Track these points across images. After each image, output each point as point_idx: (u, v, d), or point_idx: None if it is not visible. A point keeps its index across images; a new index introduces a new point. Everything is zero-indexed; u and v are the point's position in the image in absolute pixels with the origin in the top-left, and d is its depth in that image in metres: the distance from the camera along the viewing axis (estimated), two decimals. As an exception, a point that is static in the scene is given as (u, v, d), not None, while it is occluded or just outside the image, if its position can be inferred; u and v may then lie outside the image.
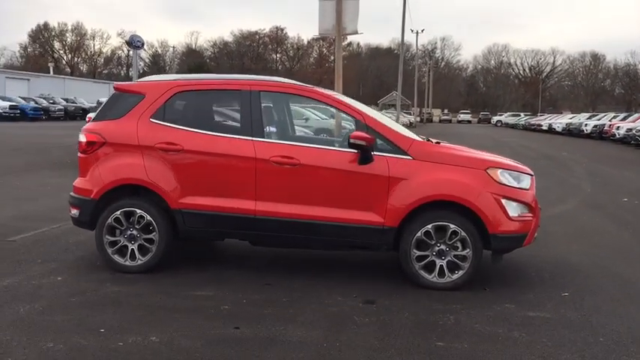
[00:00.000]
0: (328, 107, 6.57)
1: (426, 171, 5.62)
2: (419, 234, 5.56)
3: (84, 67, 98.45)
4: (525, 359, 4.14)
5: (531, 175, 5.96)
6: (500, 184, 5.63)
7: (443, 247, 5.59)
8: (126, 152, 5.89)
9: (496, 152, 7.04)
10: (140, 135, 5.87)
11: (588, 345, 4.41)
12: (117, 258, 5.87)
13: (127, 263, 5.86)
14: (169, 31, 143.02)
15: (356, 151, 5.60)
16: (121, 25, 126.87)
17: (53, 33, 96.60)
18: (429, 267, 5.61)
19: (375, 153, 5.63)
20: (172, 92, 5.99)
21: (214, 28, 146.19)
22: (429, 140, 6.60)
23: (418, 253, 5.59)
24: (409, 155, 5.66)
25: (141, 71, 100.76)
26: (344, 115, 7.06)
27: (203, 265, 6.29)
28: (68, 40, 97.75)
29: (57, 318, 4.66)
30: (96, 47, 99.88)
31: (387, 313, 4.95)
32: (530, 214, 5.74)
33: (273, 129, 6.17)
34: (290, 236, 5.82)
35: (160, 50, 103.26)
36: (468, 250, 5.56)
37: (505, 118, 74.96)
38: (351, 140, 5.53)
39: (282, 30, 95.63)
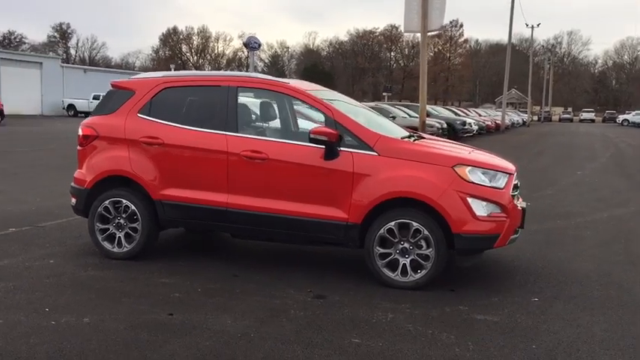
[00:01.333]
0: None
1: (390, 167, 5.53)
2: (382, 231, 5.49)
3: (208, 68, 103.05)
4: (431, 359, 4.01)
5: (510, 173, 5.70)
6: (468, 181, 5.43)
7: (406, 245, 5.48)
8: (115, 145, 6.26)
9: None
10: (127, 129, 6.22)
11: (512, 350, 4.21)
12: (106, 244, 6.25)
13: (115, 250, 6.23)
14: (289, 33, 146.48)
15: (321, 146, 5.60)
16: (244, 27, 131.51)
17: (181, 36, 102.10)
18: (393, 265, 5.52)
19: (342, 149, 5.62)
20: (159, 89, 6.29)
21: (332, 28, 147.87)
22: (420, 137, 6.50)
23: (381, 250, 5.52)
24: (375, 151, 5.59)
25: (260, 71, 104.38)
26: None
27: (184, 255, 6.55)
28: (194, 42, 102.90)
29: (19, 296, 5.06)
30: (219, 49, 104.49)
31: (326, 309, 4.94)
32: (503, 215, 5.49)
33: (263, 123, 6.32)
34: (259, 229, 5.94)
35: (278, 51, 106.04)
36: (431, 249, 5.41)
37: (633, 117, 70.04)
38: (311, 136, 5.56)
39: (396, 28, 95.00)
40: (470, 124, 31.75)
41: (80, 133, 6.47)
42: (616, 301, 5.36)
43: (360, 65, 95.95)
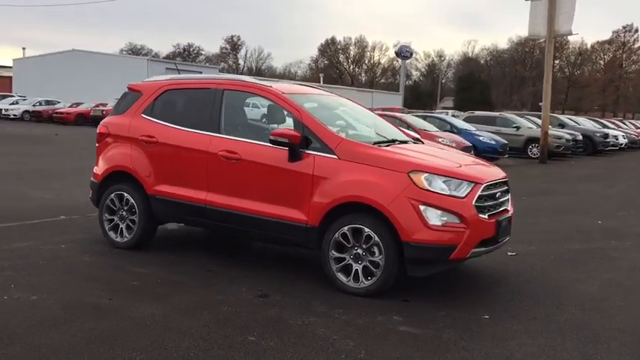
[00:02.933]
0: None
1: (347, 171, 5.48)
2: (336, 235, 5.45)
3: (363, 77, 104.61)
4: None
5: (477, 183, 5.39)
6: (423, 189, 5.23)
7: (360, 251, 5.39)
8: (121, 143, 6.79)
9: None
10: (131, 128, 6.72)
11: (397, 364, 4.04)
12: (112, 234, 6.79)
13: (118, 239, 6.74)
14: (448, 41, 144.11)
15: (285, 148, 5.68)
16: (402, 36, 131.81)
17: (339, 47, 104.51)
18: (347, 270, 5.46)
19: (307, 151, 5.66)
20: (161, 91, 6.72)
21: (492, 36, 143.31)
22: (416, 141, 6.36)
23: (336, 255, 5.48)
24: (335, 154, 5.57)
25: (416, 80, 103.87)
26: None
27: (184, 248, 6.91)
28: (351, 52, 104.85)
29: (4, 273, 5.67)
30: (375, 58, 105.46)
31: (255, 307, 5.01)
32: (461, 225, 5.22)
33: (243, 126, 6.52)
34: (233, 227, 6.14)
35: (435, 60, 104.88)
36: (382, 256, 5.29)
37: None
38: (271, 137, 5.66)
39: (562, 35, 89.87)
40: (615, 137, 29.37)
41: (97, 131, 7.08)
42: (577, 327, 4.88)
43: (519, 74, 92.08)
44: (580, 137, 25.60)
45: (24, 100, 41.80)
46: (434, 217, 5.18)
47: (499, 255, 7.07)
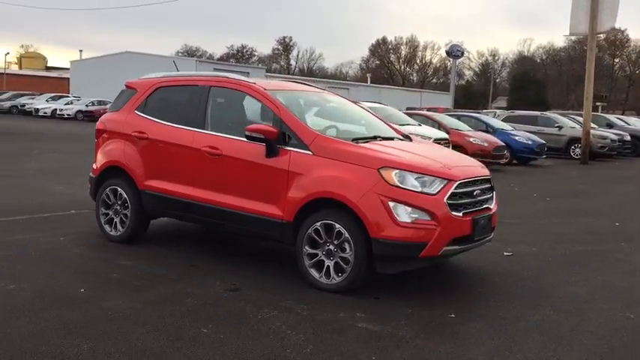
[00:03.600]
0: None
1: (320, 167, 5.48)
2: (310, 231, 5.46)
3: (414, 77, 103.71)
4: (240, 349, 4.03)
5: (449, 180, 5.30)
6: (392, 185, 5.18)
7: (331, 247, 5.38)
8: (116, 139, 6.96)
9: None
10: (125, 124, 6.88)
11: (346, 357, 4.03)
12: (107, 227, 6.96)
13: (112, 233, 6.91)
14: (503, 40, 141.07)
15: (262, 144, 5.72)
16: (455, 35, 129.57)
17: (389, 46, 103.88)
18: (319, 266, 5.46)
19: (285, 147, 5.68)
20: (154, 88, 6.86)
21: (549, 34, 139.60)
22: (405, 137, 6.33)
23: (310, 250, 5.48)
24: (310, 150, 5.57)
25: (469, 79, 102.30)
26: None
27: (179, 242, 7.02)
28: (402, 52, 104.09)
29: (-6, 263, 5.90)
30: (427, 58, 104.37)
31: (220, 301, 5.04)
32: (432, 222, 5.15)
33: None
34: (216, 222, 6.23)
35: (489, 59, 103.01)
36: (351, 252, 5.26)
37: None
38: (246, 133, 5.70)
39: (622, 32, 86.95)
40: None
41: (96, 127, 7.28)
42: (545, 328, 4.76)
43: (576, 73, 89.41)
44: (628, 138, 24.74)
45: (78, 100, 43.22)
46: (403, 213, 5.12)
47: (494, 255, 6.96)
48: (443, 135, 16.12)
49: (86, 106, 40.83)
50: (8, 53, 78.44)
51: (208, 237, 7.54)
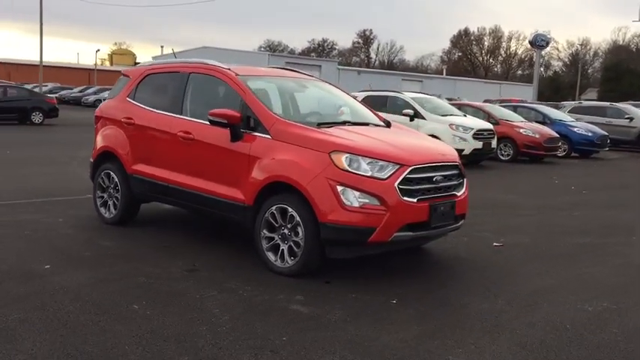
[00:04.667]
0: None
1: (277, 151, 5.50)
2: (267, 215, 5.50)
3: (498, 69, 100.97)
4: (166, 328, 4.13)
5: (402, 165, 5.19)
6: (342, 169, 5.14)
7: (286, 231, 5.40)
8: (109, 125, 7.23)
9: None
10: (117, 111, 7.14)
11: (264, 335, 4.07)
12: (102, 210, 7.26)
13: (106, 215, 7.20)
14: (594, 28, 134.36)
15: (226, 128, 5.80)
16: (542, 25, 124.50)
17: (472, 37, 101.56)
18: (275, 250, 5.49)
19: (248, 132, 5.74)
20: (144, 75, 7.08)
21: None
22: (386, 124, 6.30)
23: (267, 234, 5.52)
24: (269, 134, 5.61)
25: (557, 70, 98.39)
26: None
27: (165, 225, 7.23)
28: (485, 43, 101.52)
29: (-16, 240, 6.28)
30: (511, 49, 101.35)
31: (169, 281, 5.13)
32: (380, 207, 5.08)
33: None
34: (190, 205, 6.37)
35: (579, 48, 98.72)
36: (302, 236, 5.27)
37: None
38: (209, 117, 5.78)
39: None
40: None
41: (94, 114, 7.58)
42: (482, 319, 4.62)
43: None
44: None
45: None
46: (352, 198, 5.07)
47: (481, 245, 6.82)
48: (487, 126, 15.68)
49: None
50: (99, 50, 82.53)
51: (202, 221, 7.70)
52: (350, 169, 5.12)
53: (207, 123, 6.03)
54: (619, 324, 4.59)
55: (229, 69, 6.27)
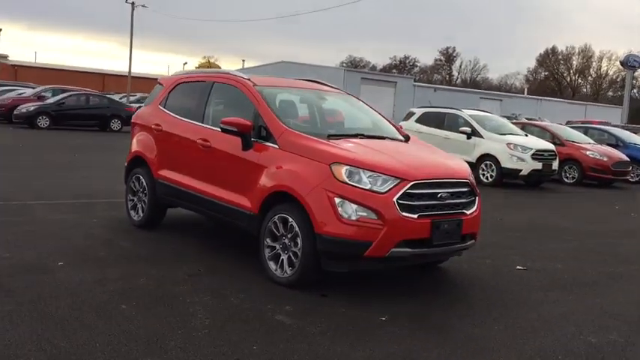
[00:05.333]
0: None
1: (282, 161, 5.52)
2: (270, 224, 5.51)
3: (587, 90, 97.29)
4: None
5: (403, 179, 5.09)
6: (341, 181, 5.09)
7: (286, 240, 5.40)
8: (142, 131, 7.46)
9: None
10: (149, 118, 7.36)
11: (238, 343, 4.08)
12: (132, 213, 7.49)
13: (135, 218, 7.43)
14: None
15: (238, 137, 5.87)
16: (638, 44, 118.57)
17: (560, 57, 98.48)
18: (276, 259, 5.50)
19: (258, 141, 5.80)
20: (175, 84, 7.28)
21: None
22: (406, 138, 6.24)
23: (270, 243, 5.53)
24: (277, 144, 5.64)
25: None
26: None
27: (190, 230, 7.36)
28: (574, 62, 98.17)
29: (14, 236, 6.57)
30: (602, 69, 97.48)
31: (164, 284, 5.20)
32: (377, 222, 4.99)
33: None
34: (207, 212, 6.46)
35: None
36: (300, 247, 5.25)
37: None
38: (221, 125, 5.87)
39: None
40: None
41: (131, 121, 7.85)
42: (467, 342, 4.45)
43: None
44: None
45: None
46: (350, 210, 5.01)
47: (504, 268, 6.60)
48: (547, 146, 15.14)
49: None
50: (186, 63, 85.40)
51: (223, 228, 7.78)
52: (349, 182, 5.06)
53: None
54: (620, 358, 4.30)
55: (249, 79, 6.35)
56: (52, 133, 22.39)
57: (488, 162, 14.80)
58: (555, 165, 15.06)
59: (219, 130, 6.14)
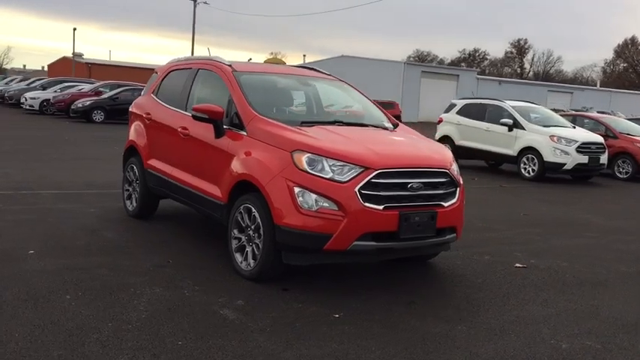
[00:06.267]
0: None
1: (249, 148, 5.27)
2: (237, 214, 5.29)
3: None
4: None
5: (367, 168, 4.75)
6: (301, 170, 4.80)
7: (251, 232, 5.17)
8: (136, 121, 7.37)
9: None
10: (142, 107, 7.27)
11: (167, 338, 3.89)
12: (127, 203, 7.42)
13: (129, 208, 7.36)
14: None
15: (210, 124, 5.67)
16: None
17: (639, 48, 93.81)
18: (242, 250, 5.27)
19: (231, 128, 5.58)
20: (167, 72, 7.15)
21: None
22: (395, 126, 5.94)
23: (236, 234, 5.31)
24: (245, 131, 5.40)
25: None
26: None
27: (182, 221, 7.22)
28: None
29: (4, 224, 6.62)
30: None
31: (125, 275, 5.06)
32: (338, 213, 4.68)
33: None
34: (187, 202, 6.28)
35: None
36: (262, 239, 5.01)
37: None
38: (192, 112, 5.68)
39: None
40: None
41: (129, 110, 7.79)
42: (423, 342, 4.08)
43: None
44: None
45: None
46: (310, 201, 4.72)
47: (501, 265, 6.22)
48: (595, 139, 14.28)
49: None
50: (251, 59, 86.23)
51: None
52: (310, 170, 4.77)
53: (202, 118, 5.92)
54: (586, 368, 3.85)
55: (230, 65, 6.12)
56: (104, 126, 22.90)
57: (530, 155, 14.08)
58: (604, 159, 14.17)
59: (197, 117, 5.95)
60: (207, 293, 4.75)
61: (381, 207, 4.74)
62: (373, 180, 4.74)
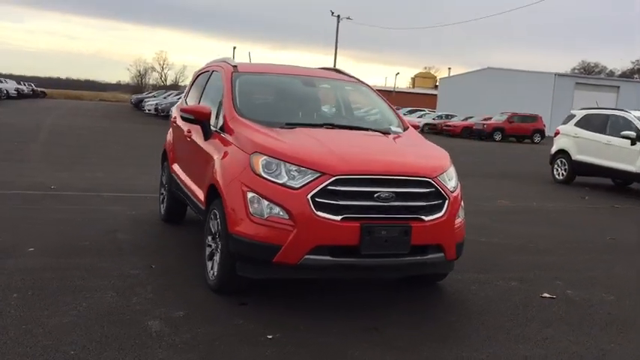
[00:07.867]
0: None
1: (224, 150, 4.97)
2: (208, 220, 5.00)
3: None
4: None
5: (323, 173, 4.24)
6: (256, 174, 4.40)
7: (218, 239, 4.85)
8: (171, 126, 7.36)
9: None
10: (175, 112, 7.24)
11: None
12: (161, 207, 7.41)
13: (161, 212, 7.35)
14: None
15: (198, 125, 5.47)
16: None
17: None
18: (212, 258, 4.95)
19: (218, 130, 5.32)
20: (196, 76, 7.06)
21: None
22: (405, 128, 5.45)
23: (209, 241, 5.00)
24: (226, 132, 5.11)
25: None
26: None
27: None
28: None
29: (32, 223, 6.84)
30: None
31: (102, 278, 4.92)
32: (288, 222, 4.22)
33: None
34: (191, 207, 6.09)
35: None
36: (219, 247, 4.68)
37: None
38: (180, 113, 5.48)
39: None
40: None
41: (173, 115, 7.80)
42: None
43: None
44: None
45: (425, 113, 44.84)
46: (263, 207, 4.30)
47: (527, 293, 5.39)
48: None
49: (432, 119, 42.19)
50: (398, 73, 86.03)
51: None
52: (264, 175, 4.35)
53: (201, 121, 5.72)
54: None
55: (235, 66, 5.86)
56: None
57: (655, 173, 12.38)
58: None
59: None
60: (154, 302, 4.48)
61: (338, 217, 4.19)
62: (330, 187, 4.21)
